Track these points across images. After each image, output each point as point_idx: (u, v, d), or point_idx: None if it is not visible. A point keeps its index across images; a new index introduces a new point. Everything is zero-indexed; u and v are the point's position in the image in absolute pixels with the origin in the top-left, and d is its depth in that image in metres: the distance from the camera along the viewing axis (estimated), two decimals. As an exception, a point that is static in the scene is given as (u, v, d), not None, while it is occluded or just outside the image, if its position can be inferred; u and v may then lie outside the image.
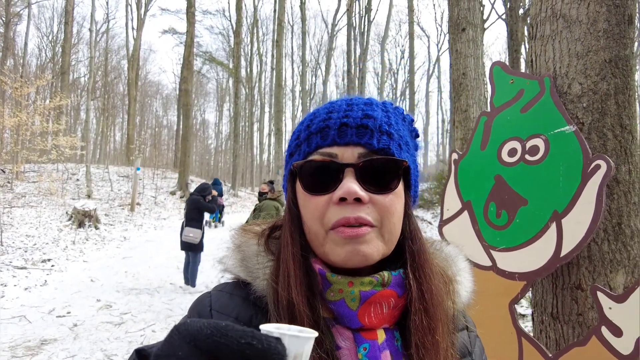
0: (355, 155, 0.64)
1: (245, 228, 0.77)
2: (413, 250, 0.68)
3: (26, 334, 4.73)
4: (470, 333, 0.76)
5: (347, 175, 0.63)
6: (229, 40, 39.19)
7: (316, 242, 0.66)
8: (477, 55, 5.46)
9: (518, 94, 1.90)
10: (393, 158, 0.65)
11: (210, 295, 0.71)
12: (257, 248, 0.71)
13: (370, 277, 0.63)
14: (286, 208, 0.72)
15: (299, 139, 0.71)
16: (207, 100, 52.71)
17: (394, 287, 0.64)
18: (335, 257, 0.63)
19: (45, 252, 8.77)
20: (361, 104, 0.69)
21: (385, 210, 0.64)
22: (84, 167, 18.75)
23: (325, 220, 0.64)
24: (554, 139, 1.72)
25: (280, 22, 20.85)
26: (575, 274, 1.72)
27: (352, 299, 0.62)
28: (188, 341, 0.36)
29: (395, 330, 0.66)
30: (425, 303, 0.64)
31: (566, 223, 1.62)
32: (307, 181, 0.66)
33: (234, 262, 0.71)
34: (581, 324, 1.71)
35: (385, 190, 0.64)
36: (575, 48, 1.73)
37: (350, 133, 0.65)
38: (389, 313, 0.64)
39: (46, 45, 37.16)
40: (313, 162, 0.66)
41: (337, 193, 0.62)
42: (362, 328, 0.62)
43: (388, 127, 0.67)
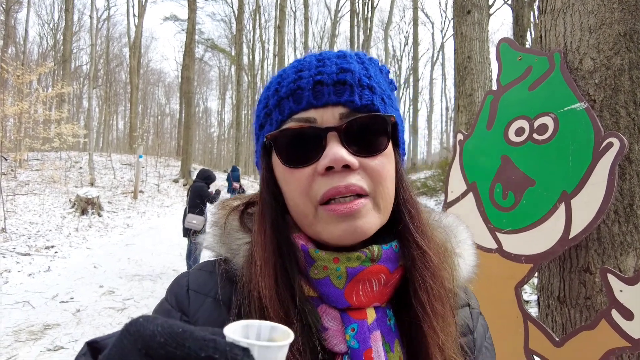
0: (336, 116, 0.57)
1: (222, 203, 0.71)
2: (410, 213, 0.61)
3: (30, 319, 4.75)
4: (472, 310, 0.70)
5: (330, 141, 0.56)
6: (230, 27, 38.85)
7: (305, 222, 0.59)
8: (482, 39, 5.35)
9: (526, 71, 1.83)
10: (379, 115, 0.58)
11: (189, 274, 0.66)
12: (234, 223, 0.66)
13: (358, 252, 0.57)
14: (260, 187, 0.65)
15: (268, 107, 0.63)
16: (210, 88, 52.51)
17: (384, 262, 0.58)
18: (329, 236, 0.57)
19: (48, 239, 8.81)
20: (333, 58, 0.61)
21: (378, 174, 0.57)
22: (87, 155, 18.76)
23: (312, 194, 0.57)
24: (564, 116, 1.65)
25: (283, 8, 20.58)
26: (584, 257, 1.66)
27: (338, 277, 0.56)
28: (139, 348, 0.30)
29: (387, 309, 0.60)
30: (427, 270, 0.58)
31: (575, 204, 1.56)
32: (285, 154, 0.59)
33: (213, 238, 0.66)
34: (589, 307, 1.66)
35: (375, 152, 0.58)
36: (587, 21, 1.65)
37: (327, 92, 0.57)
38: (379, 290, 0.58)
39: (47, 33, 36.98)
40: (289, 131, 0.58)
41: (321, 162, 0.55)
42: (350, 307, 0.57)
43: (368, 80, 0.59)
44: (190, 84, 21.25)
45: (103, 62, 36.40)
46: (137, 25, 31.40)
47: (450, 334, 0.59)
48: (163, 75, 52.94)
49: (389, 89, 0.64)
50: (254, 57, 37.08)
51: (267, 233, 0.60)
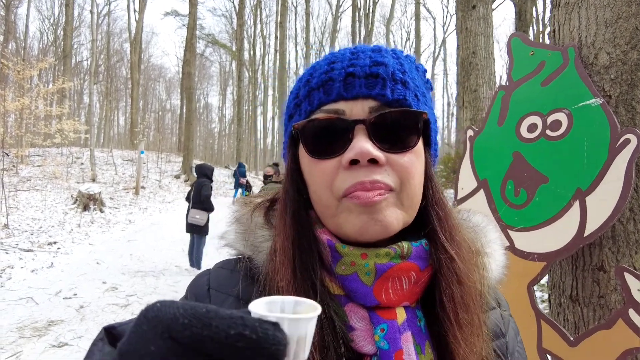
0: (365, 109, 0.55)
1: (245, 200, 0.70)
2: (439, 215, 0.59)
3: (33, 315, 4.75)
4: (503, 313, 0.68)
5: (357, 134, 0.54)
6: (231, 22, 38.70)
7: (327, 213, 0.57)
8: (487, 34, 5.30)
9: (539, 67, 1.80)
10: (411, 110, 0.56)
11: (209, 273, 0.64)
12: (259, 220, 0.64)
13: (387, 248, 0.55)
14: (284, 178, 0.64)
15: (298, 97, 0.62)
16: (210, 83, 52.41)
17: (414, 259, 0.56)
18: (349, 227, 0.55)
19: (51, 235, 8.81)
20: (368, 51, 0.60)
21: (405, 171, 0.55)
22: (88, 151, 18.75)
23: (336, 188, 0.55)
24: (578, 112, 1.62)
25: (284, 3, 20.49)
26: (598, 255, 1.64)
27: (367, 273, 0.54)
28: (160, 332, 0.28)
29: (417, 309, 0.58)
30: (454, 276, 0.56)
31: (591, 201, 1.53)
32: (311, 144, 0.57)
33: (235, 235, 0.64)
34: (602, 306, 1.64)
35: (404, 149, 0.55)
36: (603, 15, 1.61)
37: (358, 84, 0.56)
38: (409, 289, 0.55)
39: (47, 28, 36.89)
40: (316, 122, 0.57)
41: (346, 155, 0.54)
42: (378, 306, 0.54)
43: (402, 74, 0.57)
44: (192, 80, 21.19)
45: (104, 58, 36.32)
46: (137, 20, 31.29)
47: (475, 343, 0.57)
48: (164, 70, 52.89)
49: (423, 87, 0.62)
50: (255, 52, 36.98)
51: (287, 223, 0.59)
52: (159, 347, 0.28)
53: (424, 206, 0.60)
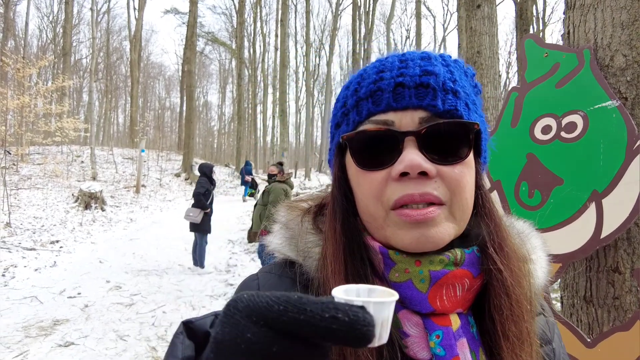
0: (415, 120, 0.55)
1: (291, 205, 0.69)
2: (489, 226, 0.59)
3: (38, 315, 4.76)
4: (548, 319, 0.68)
5: (407, 146, 0.54)
6: (231, 20, 38.62)
7: (374, 225, 0.58)
8: (492, 33, 5.30)
9: (553, 68, 1.80)
10: (462, 121, 0.55)
11: (258, 277, 0.64)
12: (306, 225, 0.64)
13: (441, 255, 0.55)
14: (332, 186, 0.64)
15: (346, 106, 0.61)
16: (210, 81, 52.34)
17: (467, 266, 0.56)
18: (398, 242, 0.55)
19: (53, 234, 8.81)
20: (417, 59, 0.58)
21: (456, 184, 0.54)
22: (88, 149, 18.73)
23: (385, 199, 0.55)
24: (594, 115, 1.62)
25: (285, 1, 20.43)
26: (612, 257, 1.64)
27: (421, 280, 0.54)
28: (255, 320, 0.30)
29: (469, 315, 0.58)
30: (506, 284, 0.56)
31: (607, 203, 1.54)
32: (360, 155, 0.57)
33: (282, 240, 0.64)
34: (617, 307, 1.64)
35: (455, 161, 0.55)
36: (620, 17, 1.61)
37: (408, 94, 0.55)
38: (462, 296, 0.56)
39: (47, 25, 36.77)
40: (365, 133, 0.56)
41: (396, 167, 0.53)
42: (433, 313, 0.55)
43: (453, 84, 0.56)
44: (192, 78, 21.16)
45: (103, 56, 36.22)
46: (137, 18, 31.20)
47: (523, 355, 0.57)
48: (163, 68, 52.79)
49: (473, 94, 0.61)
50: (255, 50, 36.90)
51: (337, 230, 0.59)
52: (255, 334, 0.30)
53: (474, 215, 0.60)
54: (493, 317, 0.56)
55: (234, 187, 22.07)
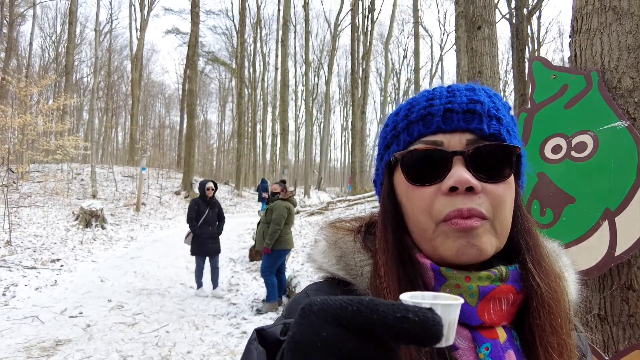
0: (463, 142, 0.60)
1: (336, 225, 0.73)
2: (528, 244, 0.63)
3: (40, 335, 4.70)
4: (580, 334, 0.72)
5: (456, 164, 0.59)
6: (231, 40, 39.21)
7: (424, 237, 0.62)
8: (492, 54, 5.42)
9: (561, 90, 1.85)
10: (506, 144, 0.61)
11: (308, 295, 0.67)
12: (355, 245, 0.67)
13: (488, 271, 0.59)
14: (381, 202, 0.69)
15: (396, 129, 0.67)
16: (210, 100, 52.73)
17: (512, 282, 0.60)
18: (446, 250, 0.59)
19: (54, 252, 8.75)
20: (463, 90, 0.65)
21: (499, 200, 0.59)
22: (89, 167, 18.75)
23: (435, 212, 0.60)
24: (604, 135, 1.67)
25: (286, 22, 20.81)
26: (626, 274, 1.67)
27: (471, 295, 0.58)
28: (330, 321, 0.32)
29: (512, 329, 0.62)
30: (546, 300, 0.60)
31: (620, 221, 1.57)
32: (411, 171, 0.62)
33: (331, 259, 0.67)
34: (632, 325, 1.66)
35: (498, 179, 0.60)
36: (626, 41, 1.68)
37: (456, 119, 0.61)
38: (507, 310, 0.60)
39: (49, 45, 37.24)
40: (417, 151, 0.62)
41: (446, 182, 0.58)
42: (480, 326, 0.58)
43: (496, 111, 0.63)
44: (193, 96, 21.37)
45: (104, 74, 36.60)
46: (139, 38, 31.68)
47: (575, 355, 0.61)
48: (164, 87, 53.26)
49: (512, 123, 0.67)
50: (255, 69, 37.36)
51: (389, 242, 0.63)
52: (331, 334, 0.32)
53: (514, 232, 0.64)
54: (533, 329, 0.60)
55: (233, 205, 22.04)
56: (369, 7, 29.64)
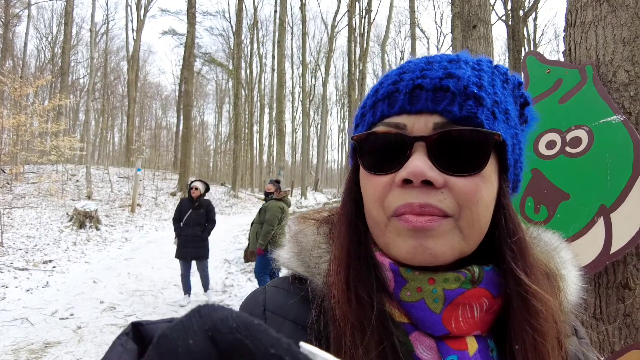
0: (429, 125, 0.51)
1: (304, 215, 0.66)
2: (513, 250, 0.54)
3: (29, 337, 4.62)
4: (581, 340, 0.62)
5: (416, 151, 0.50)
6: (228, 42, 39.16)
7: (377, 231, 0.54)
8: (488, 53, 5.39)
9: (555, 84, 1.82)
10: (480, 130, 0.50)
11: (265, 292, 0.61)
12: (316, 238, 0.61)
13: (456, 272, 0.51)
14: (344, 189, 0.61)
15: (365, 107, 0.58)
16: (206, 101, 52.65)
17: (486, 285, 0.52)
18: (396, 250, 0.51)
19: (46, 253, 8.66)
20: (444, 61, 0.54)
21: (466, 197, 0.50)
22: (84, 168, 18.64)
23: (386, 205, 0.52)
24: (599, 129, 1.63)
25: (282, 23, 20.79)
26: (622, 272, 1.62)
27: (435, 300, 0.50)
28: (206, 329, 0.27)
29: (488, 339, 0.53)
30: (528, 313, 0.51)
31: (616, 218, 1.53)
32: (368, 158, 0.54)
33: (290, 255, 0.61)
34: (629, 325, 1.61)
35: (467, 172, 0.50)
36: (621, 34, 1.64)
37: (424, 97, 0.51)
38: (480, 317, 0.51)
39: (45, 46, 37.11)
40: (374, 135, 0.54)
41: (400, 173, 0.50)
42: (447, 335, 0.51)
43: (478, 89, 0.51)
44: (190, 97, 21.29)
45: (101, 75, 36.45)
46: (135, 39, 31.58)
47: None
48: (160, 88, 53.12)
49: (510, 103, 0.56)
50: (252, 71, 37.30)
51: (342, 233, 0.56)
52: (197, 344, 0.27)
53: (495, 234, 0.55)
54: (512, 347, 0.52)
55: (229, 206, 21.94)
56: (366, 8, 29.68)
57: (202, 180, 6.59)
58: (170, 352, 0.27)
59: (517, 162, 0.58)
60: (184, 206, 6.26)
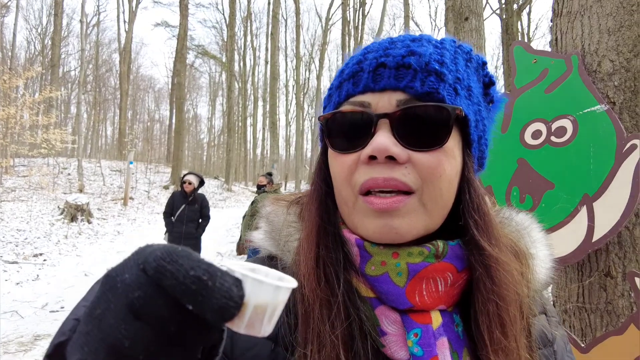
0: (392, 102, 0.51)
1: (278, 197, 0.67)
2: (477, 223, 0.54)
3: (19, 330, 4.60)
4: (550, 319, 0.63)
5: (380, 128, 0.51)
6: (221, 34, 38.80)
7: (345, 210, 0.55)
8: (479, 45, 5.39)
9: (542, 74, 1.82)
10: (441, 105, 0.51)
11: None
12: (288, 218, 0.61)
13: (420, 246, 0.51)
14: (314, 170, 0.62)
15: (332, 88, 0.59)
16: (200, 94, 52.27)
17: (451, 259, 0.52)
18: (364, 230, 0.52)
19: (36, 247, 8.60)
20: (407, 40, 0.55)
21: (429, 172, 0.51)
22: (76, 161, 18.47)
23: (353, 183, 0.53)
24: (583, 119, 1.64)
25: (276, 15, 20.64)
26: (604, 261, 1.64)
27: (398, 273, 0.51)
28: (138, 263, 0.30)
29: (454, 313, 0.54)
30: (491, 282, 0.52)
31: (598, 207, 1.54)
32: (334, 137, 0.55)
33: (262, 235, 0.62)
34: (610, 312, 1.64)
35: (429, 147, 0.51)
36: (606, 23, 1.64)
37: (387, 75, 0.52)
38: (445, 291, 0.52)
39: (35, 37, 36.53)
40: (340, 114, 0.54)
41: (365, 150, 0.51)
42: (412, 309, 0.51)
43: (439, 65, 0.52)
44: (182, 90, 21.13)
45: (92, 68, 36.00)
46: (127, 31, 31.20)
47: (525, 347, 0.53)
48: (153, 81, 52.70)
49: (472, 81, 0.57)
50: (245, 63, 37.05)
51: (312, 212, 0.57)
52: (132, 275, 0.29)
53: (460, 208, 0.55)
54: (477, 320, 0.52)
55: (223, 200, 21.89)
56: (360, 1, 29.51)
57: (195, 173, 6.21)
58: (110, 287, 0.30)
59: (481, 138, 0.58)
60: (176, 200, 5.88)
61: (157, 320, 0.29)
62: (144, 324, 0.29)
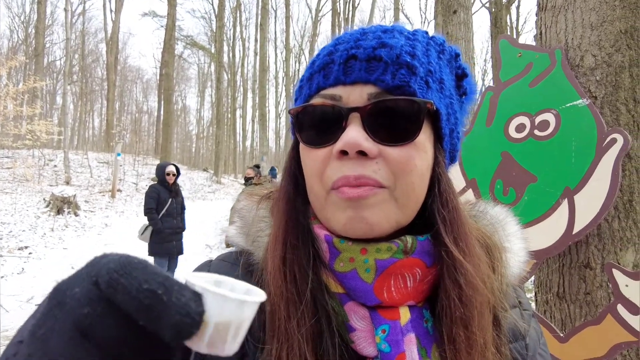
0: (364, 96, 0.51)
1: (251, 192, 0.66)
2: (445, 218, 0.54)
3: (3, 324, 4.55)
4: (524, 312, 0.63)
5: (351, 122, 0.50)
6: (210, 24, 38.33)
7: (317, 205, 0.55)
8: (468, 38, 5.41)
9: (526, 68, 1.83)
10: (412, 99, 0.50)
11: (210, 264, 0.62)
12: (259, 213, 0.61)
13: (389, 242, 0.51)
14: (285, 165, 0.62)
15: (303, 80, 0.58)
16: (189, 85, 51.74)
17: (420, 255, 0.52)
18: (335, 223, 0.52)
19: (22, 240, 8.48)
20: (379, 31, 0.54)
21: (400, 166, 0.50)
22: (62, 153, 18.18)
23: (325, 179, 0.52)
24: (566, 113, 1.66)
25: (265, 5, 20.44)
26: (584, 253, 1.67)
27: (366, 270, 0.51)
28: (92, 275, 0.28)
29: (424, 309, 0.54)
30: (459, 278, 0.52)
31: (579, 199, 1.57)
32: (305, 131, 0.54)
33: (235, 230, 0.62)
34: (589, 303, 1.67)
35: (400, 141, 0.50)
36: (589, 18, 1.66)
37: (358, 68, 0.51)
38: (414, 287, 0.52)
39: (18, 26, 35.71)
40: (310, 108, 0.53)
41: (337, 145, 0.50)
42: (380, 305, 0.51)
43: (410, 58, 0.51)
44: (170, 81, 20.88)
45: (78, 58, 35.34)
46: (114, 20, 30.65)
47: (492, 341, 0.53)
48: (141, 72, 51.99)
49: (445, 73, 0.56)
50: (234, 54, 36.70)
51: (281, 209, 0.57)
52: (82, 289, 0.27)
53: (430, 204, 0.55)
54: (441, 316, 0.52)
55: (212, 192, 21.78)
56: (351, -8, 29.36)
57: (172, 164, 5.84)
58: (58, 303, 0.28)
59: (452, 131, 0.58)
60: (162, 193, 5.50)
61: (108, 342, 0.27)
62: (92, 345, 0.26)
